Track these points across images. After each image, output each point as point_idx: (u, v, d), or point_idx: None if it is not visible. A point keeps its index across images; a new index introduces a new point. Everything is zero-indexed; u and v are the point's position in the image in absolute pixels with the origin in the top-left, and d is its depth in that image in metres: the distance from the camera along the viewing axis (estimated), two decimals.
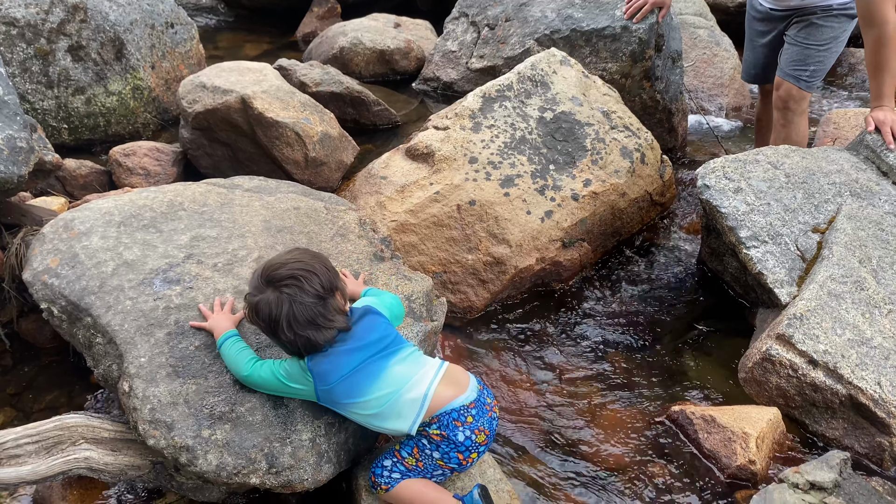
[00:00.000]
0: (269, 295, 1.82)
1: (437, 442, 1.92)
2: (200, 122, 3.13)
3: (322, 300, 1.83)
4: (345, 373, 1.87)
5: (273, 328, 1.83)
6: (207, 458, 1.86)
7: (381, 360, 1.92)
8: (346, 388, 1.88)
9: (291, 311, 1.80)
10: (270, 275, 1.83)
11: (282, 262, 1.86)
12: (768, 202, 2.84)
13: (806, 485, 2.08)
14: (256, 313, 1.84)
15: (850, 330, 2.46)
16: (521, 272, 3.03)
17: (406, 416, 1.90)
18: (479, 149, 3.12)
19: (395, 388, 1.90)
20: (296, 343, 1.84)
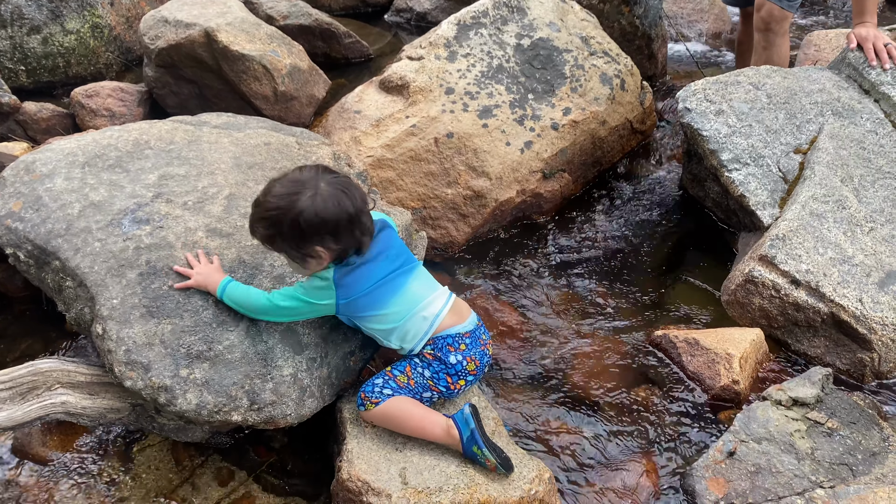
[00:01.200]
0: (331, 190, 1.73)
1: (428, 360, 1.94)
2: (164, 58, 3.00)
3: (366, 203, 1.81)
4: (369, 285, 1.87)
5: (335, 226, 1.73)
6: (187, 397, 1.83)
7: (401, 275, 1.94)
8: (368, 301, 1.88)
9: (359, 207, 1.75)
10: (324, 172, 1.76)
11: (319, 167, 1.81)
12: (750, 124, 2.79)
13: (789, 401, 2.10)
14: (314, 213, 1.71)
15: (832, 249, 2.45)
16: (502, 205, 2.98)
17: (414, 334, 1.93)
18: (455, 79, 3.02)
19: (410, 306, 1.92)
20: (349, 245, 1.79)
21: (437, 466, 1.83)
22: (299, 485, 2.08)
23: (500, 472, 1.82)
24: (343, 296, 1.85)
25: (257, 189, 2.23)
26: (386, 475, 1.79)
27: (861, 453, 1.98)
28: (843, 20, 5.04)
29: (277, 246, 1.80)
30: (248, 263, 2.05)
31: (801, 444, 2.00)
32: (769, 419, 2.05)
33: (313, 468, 2.11)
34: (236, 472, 2.09)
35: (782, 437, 2.01)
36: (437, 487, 1.78)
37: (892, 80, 2.91)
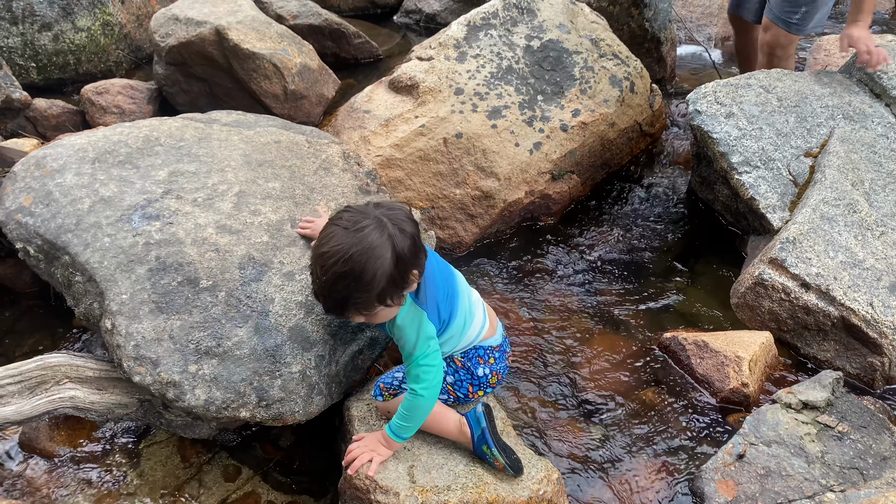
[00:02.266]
0: (395, 231, 1.61)
1: (455, 367, 1.95)
2: (174, 56, 3.00)
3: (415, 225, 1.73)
4: (440, 297, 1.84)
5: (419, 246, 1.67)
6: (195, 392, 1.82)
7: (452, 282, 1.92)
8: (447, 311, 1.86)
9: (412, 241, 1.66)
10: (366, 210, 1.65)
11: (363, 209, 1.68)
12: (760, 127, 2.78)
13: (799, 404, 2.08)
14: (402, 231, 1.62)
15: (843, 252, 2.44)
16: (510, 206, 2.97)
17: (456, 343, 1.93)
18: (464, 79, 3.02)
19: (468, 315, 1.92)
20: (413, 274, 1.69)
21: (446, 465, 1.82)
22: (306, 483, 2.07)
23: (508, 472, 1.81)
24: (433, 317, 1.80)
25: (267, 186, 2.25)
26: (394, 473, 1.78)
27: (872, 457, 1.97)
28: None
29: (379, 305, 1.66)
30: (257, 260, 2.05)
31: (811, 448, 1.99)
32: (779, 422, 2.04)
33: (320, 466, 2.10)
34: (243, 470, 2.09)
35: (792, 441, 2.00)
36: (445, 486, 1.77)
37: None
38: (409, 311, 1.78)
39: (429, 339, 1.79)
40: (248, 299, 1.97)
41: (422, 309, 1.79)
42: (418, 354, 1.77)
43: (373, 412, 1.97)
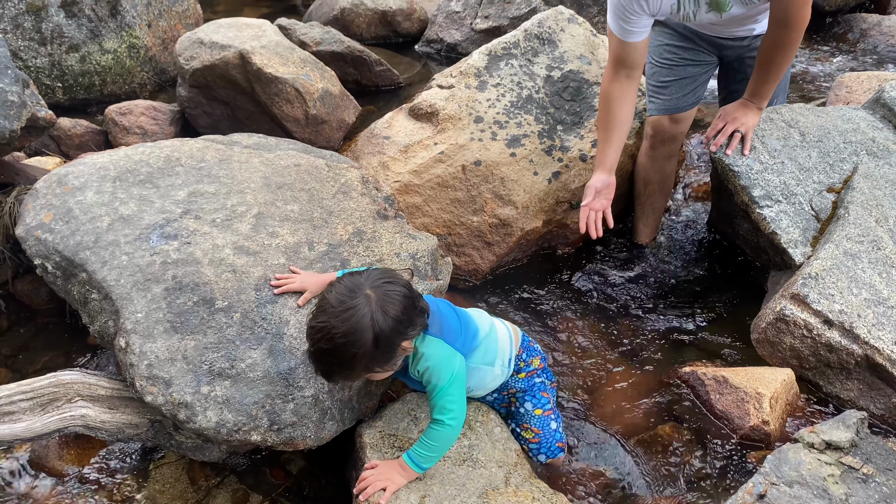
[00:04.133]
0: (377, 313, 1.64)
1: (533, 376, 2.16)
2: (198, 79, 3.04)
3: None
4: (454, 323, 1.92)
5: (409, 313, 1.70)
6: (207, 414, 1.81)
7: (455, 308, 2.02)
8: (465, 330, 1.95)
9: (404, 286, 1.74)
10: (348, 296, 1.66)
11: (355, 284, 1.70)
12: (782, 161, 2.75)
13: (822, 444, 2.02)
14: (384, 313, 1.64)
15: (867, 289, 2.39)
16: (528, 234, 2.96)
17: (504, 348, 2.07)
18: (484, 108, 3.03)
19: (486, 323, 2.06)
20: (422, 318, 1.77)
21: (458, 497, 1.78)
22: None
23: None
24: (449, 339, 1.85)
25: (286, 209, 2.25)
26: (405, 503, 1.75)
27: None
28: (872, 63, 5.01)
29: (369, 367, 1.71)
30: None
31: (834, 490, 1.93)
32: (801, 462, 1.98)
33: (330, 493, 2.07)
34: (252, 495, 2.06)
35: (815, 482, 1.94)
36: None
37: None
38: (430, 346, 1.80)
39: (452, 365, 1.80)
40: (264, 321, 1.96)
41: (439, 339, 1.81)
42: (444, 384, 1.77)
43: (385, 440, 1.94)
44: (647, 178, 3.04)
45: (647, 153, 3.00)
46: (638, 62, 2.55)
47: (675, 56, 2.79)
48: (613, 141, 2.59)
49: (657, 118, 2.90)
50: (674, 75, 2.81)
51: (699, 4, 2.44)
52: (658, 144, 2.95)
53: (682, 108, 2.87)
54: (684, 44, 2.76)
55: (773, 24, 2.45)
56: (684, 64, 2.80)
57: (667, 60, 2.81)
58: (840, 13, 5.33)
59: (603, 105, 2.61)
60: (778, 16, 2.41)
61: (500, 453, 1.94)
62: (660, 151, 2.96)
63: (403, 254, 2.25)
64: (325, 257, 2.16)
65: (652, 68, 2.88)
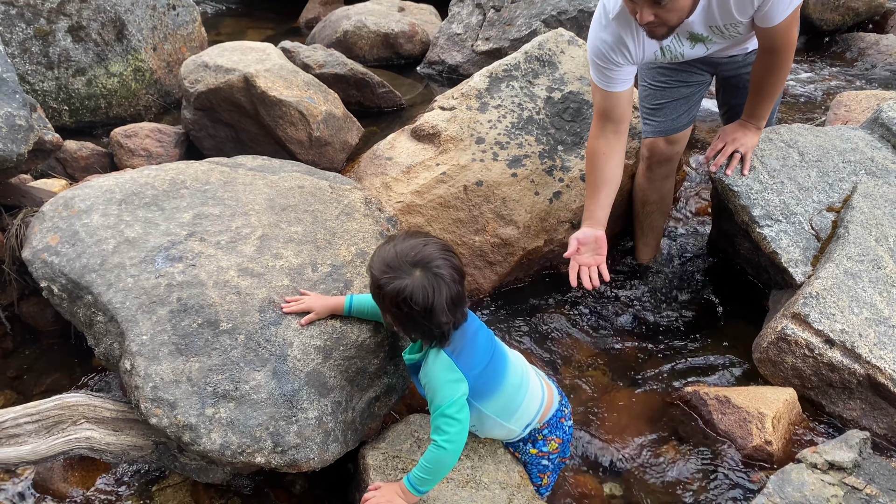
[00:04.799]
0: (421, 278, 1.67)
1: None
2: (203, 102, 3.07)
3: (462, 278, 1.77)
4: (483, 356, 1.87)
5: (428, 312, 1.68)
6: (211, 436, 1.81)
7: (497, 343, 1.96)
8: (490, 374, 1.87)
9: (449, 292, 1.69)
10: (417, 256, 1.69)
11: (420, 242, 1.74)
12: (782, 181, 2.78)
13: (825, 464, 2.03)
14: (409, 298, 1.67)
15: (868, 309, 2.40)
16: (529, 254, 2.97)
17: (526, 412, 1.97)
18: (485, 129, 3.06)
19: (520, 377, 1.95)
20: (448, 325, 1.74)
21: None
22: None
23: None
24: (464, 366, 1.80)
25: (289, 230, 2.27)
26: None
27: None
28: (869, 81, 5.05)
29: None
30: (278, 304, 2.05)
31: None
32: (804, 482, 1.99)
33: None
34: None
35: (818, 503, 1.94)
36: None
37: None
38: (437, 362, 1.79)
39: (454, 390, 1.77)
40: (268, 343, 1.97)
41: (451, 358, 1.79)
42: (443, 405, 1.76)
43: (389, 461, 1.95)
44: (646, 198, 3.06)
45: (644, 174, 3.02)
46: (624, 116, 2.50)
47: (668, 78, 2.82)
48: (601, 198, 2.53)
49: (652, 140, 2.92)
50: (667, 97, 2.83)
51: (682, 43, 2.46)
52: (655, 165, 2.97)
53: (676, 129, 2.89)
54: (677, 65, 2.79)
55: (762, 50, 2.47)
56: (677, 85, 2.82)
57: (659, 83, 2.83)
58: (838, 32, 5.37)
59: (590, 161, 2.55)
60: (765, 43, 2.44)
61: (504, 474, 1.94)
62: (657, 172, 2.99)
63: None
64: (329, 278, 2.17)
65: (645, 91, 2.91)
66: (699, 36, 2.41)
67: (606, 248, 2.50)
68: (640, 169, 3.05)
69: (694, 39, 2.43)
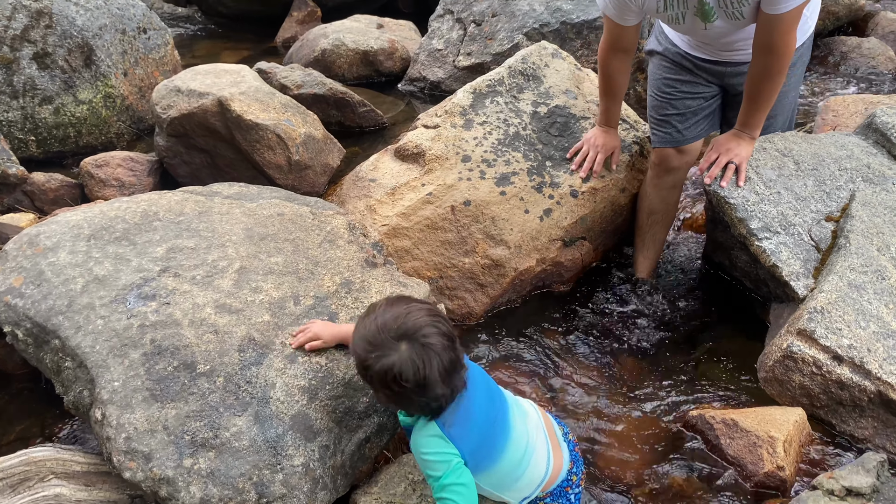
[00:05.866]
0: (409, 352, 1.54)
1: None
2: (176, 128, 2.95)
3: (454, 342, 1.61)
4: (480, 428, 1.70)
5: (422, 387, 1.55)
6: (190, 490, 1.68)
7: (502, 409, 1.79)
8: (487, 448, 1.71)
9: (441, 362, 1.55)
10: (402, 329, 1.56)
11: (403, 311, 1.60)
12: (778, 191, 2.69)
13: (842, 491, 1.93)
14: (399, 377, 1.53)
15: (875, 322, 2.32)
16: (522, 274, 2.87)
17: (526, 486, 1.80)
18: (471, 146, 2.96)
19: (523, 450, 1.77)
20: (446, 397, 1.61)
21: None
22: None
23: None
24: (462, 443, 1.65)
25: (269, 262, 2.15)
26: None
27: None
28: (856, 85, 5.02)
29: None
30: (258, 342, 1.93)
31: None
32: None
33: None
34: None
35: None
36: None
37: None
38: (427, 429, 1.66)
39: (448, 459, 1.63)
40: (248, 385, 1.85)
41: (441, 431, 1.65)
42: (441, 477, 1.61)
43: None
44: (651, 208, 2.97)
45: (653, 181, 2.95)
46: (632, 45, 2.67)
47: (674, 90, 2.76)
48: (617, 101, 2.84)
49: (662, 149, 2.86)
50: (674, 109, 2.78)
51: (687, 6, 2.41)
52: (663, 174, 2.90)
53: (685, 140, 2.82)
54: (683, 76, 2.73)
55: (758, 50, 2.41)
56: (683, 97, 2.76)
57: (666, 95, 2.78)
58: (819, 37, 5.35)
59: (604, 78, 2.76)
60: (762, 41, 2.37)
61: None
62: (665, 181, 2.91)
63: None
64: (312, 311, 2.06)
65: (653, 101, 2.86)
66: (706, 6, 2.37)
67: (618, 151, 2.97)
68: (649, 177, 2.98)
69: (700, 10, 2.40)
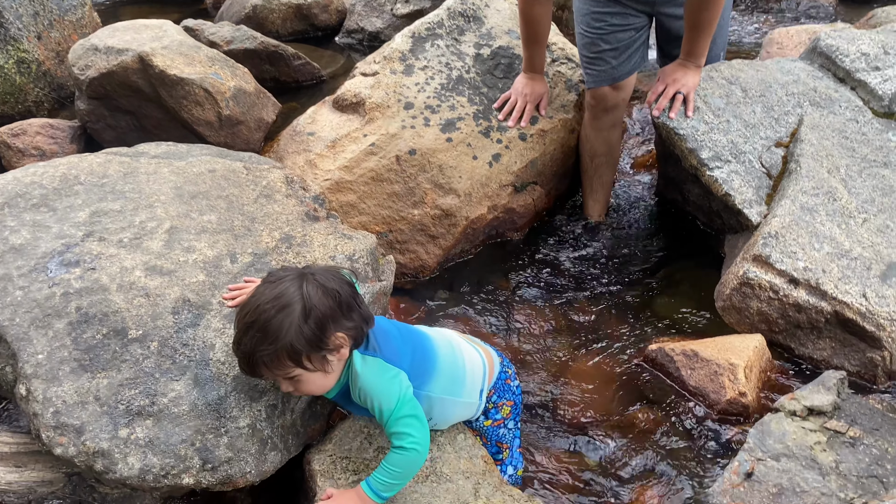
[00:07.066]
0: (304, 287, 1.52)
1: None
2: (96, 89, 2.76)
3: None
4: (406, 344, 1.74)
5: (347, 307, 1.56)
6: (128, 461, 1.57)
7: (410, 328, 1.84)
8: (420, 357, 1.74)
9: (339, 288, 1.57)
10: (285, 281, 1.54)
11: (270, 285, 1.56)
12: (727, 119, 2.65)
13: (804, 411, 1.91)
14: (312, 311, 1.50)
15: (829, 243, 2.30)
16: (474, 223, 2.78)
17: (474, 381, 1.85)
18: (413, 93, 2.84)
19: (451, 348, 1.83)
20: (366, 312, 1.62)
21: None
22: None
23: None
24: (393, 358, 1.65)
25: (202, 220, 2.02)
26: None
27: (890, 462, 1.79)
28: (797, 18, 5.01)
29: (292, 364, 1.52)
30: (193, 303, 1.81)
31: (823, 458, 1.81)
32: (785, 433, 1.86)
33: None
34: None
35: (802, 452, 1.82)
36: None
37: (867, 67, 2.81)
38: (367, 366, 1.61)
39: (397, 386, 1.60)
40: (185, 347, 1.73)
41: (376, 357, 1.62)
42: (393, 408, 1.57)
43: (337, 464, 1.74)
44: (594, 151, 2.90)
45: (591, 124, 2.86)
46: None
47: (604, 24, 2.65)
48: (541, 47, 2.77)
49: (596, 89, 2.76)
50: (606, 44, 2.67)
51: None
52: (601, 114, 2.81)
53: (620, 76, 2.73)
54: (611, 8, 2.62)
55: None
56: (614, 31, 2.66)
57: (595, 30, 2.67)
58: None
59: (525, 24, 2.67)
60: None
61: (466, 462, 1.76)
62: (603, 121, 2.83)
63: (339, 256, 2.05)
64: (251, 269, 1.94)
65: (582, 39, 2.74)
66: None
67: (546, 97, 2.91)
68: (586, 119, 2.88)
69: None
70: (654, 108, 2.63)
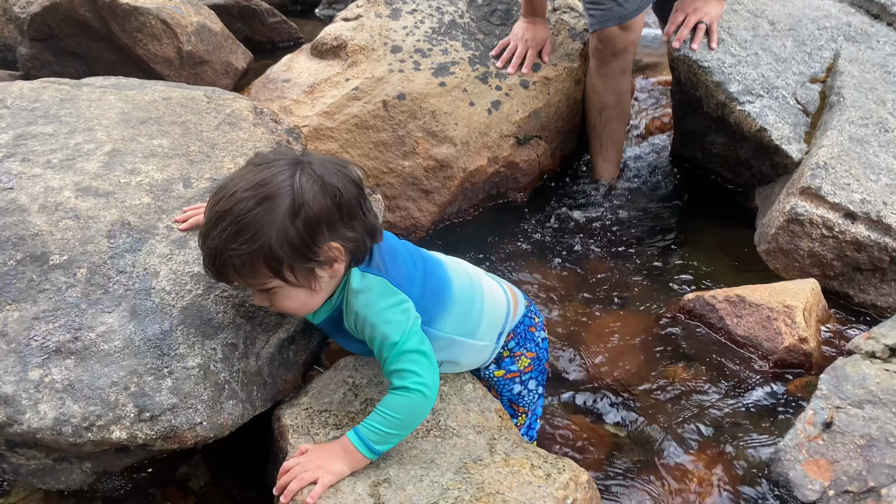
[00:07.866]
0: (305, 177, 1.17)
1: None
2: (39, 27, 2.43)
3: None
4: (416, 268, 1.36)
5: (349, 211, 1.20)
6: (39, 409, 1.21)
7: (423, 252, 1.46)
8: (432, 285, 1.37)
9: (343, 179, 1.21)
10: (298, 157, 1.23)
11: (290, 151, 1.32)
12: (756, 52, 2.35)
13: (885, 351, 1.57)
14: (306, 206, 1.15)
15: (886, 174, 1.99)
16: (472, 176, 2.45)
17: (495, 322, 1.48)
18: (401, 36, 2.53)
19: (468, 280, 1.47)
20: (372, 216, 1.26)
21: (427, 477, 1.23)
22: None
23: None
24: (400, 282, 1.29)
25: (151, 144, 1.68)
26: (350, 497, 1.18)
27: None
28: None
29: (269, 272, 1.17)
30: (134, 226, 1.46)
31: None
32: (865, 376, 1.52)
33: None
34: None
35: (891, 397, 1.47)
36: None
37: None
38: (368, 286, 1.26)
39: (404, 315, 1.25)
40: (122, 275, 1.38)
41: (381, 276, 1.26)
42: (398, 340, 1.22)
43: (315, 418, 1.37)
44: (602, 102, 2.59)
45: (598, 71, 2.55)
46: None
47: None
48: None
49: (603, 30, 2.46)
50: None
51: None
52: (609, 58, 2.50)
53: (628, 13, 2.43)
54: None
55: None
56: None
57: None
58: None
59: None
60: None
61: (477, 416, 1.40)
62: (612, 67, 2.52)
63: None
64: (209, 194, 1.59)
65: None
66: None
67: (550, 44, 2.63)
68: (592, 67, 2.58)
69: None
70: (673, 40, 2.34)
